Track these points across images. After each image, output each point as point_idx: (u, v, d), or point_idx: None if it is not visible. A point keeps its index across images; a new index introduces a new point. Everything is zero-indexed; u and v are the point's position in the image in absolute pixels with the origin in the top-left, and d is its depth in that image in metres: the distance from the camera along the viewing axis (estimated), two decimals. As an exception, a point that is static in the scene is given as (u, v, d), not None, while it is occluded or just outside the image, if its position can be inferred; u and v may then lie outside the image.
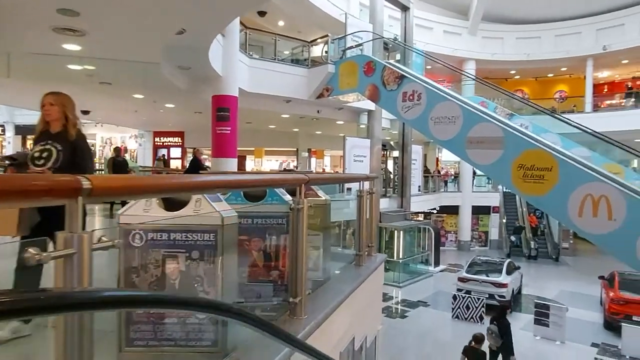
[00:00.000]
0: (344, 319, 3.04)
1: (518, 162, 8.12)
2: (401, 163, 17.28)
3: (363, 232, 3.97)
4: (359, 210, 4.02)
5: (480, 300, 11.45)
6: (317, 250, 3.30)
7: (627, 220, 6.83)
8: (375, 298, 4.22)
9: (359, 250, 3.90)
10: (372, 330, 4.01)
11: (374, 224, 4.47)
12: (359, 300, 3.54)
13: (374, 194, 4.49)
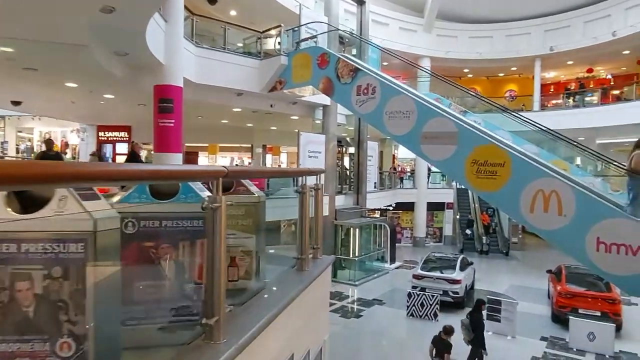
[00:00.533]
0: (279, 335, 2.60)
1: (471, 157, 8.00)
2: (357, 159, 17.08)
3: (306, 232, 3.55)
4: (301, 208, 3.59)
5: (434, 297, 11.38)
6: (249, 255, 2.84)
7: (577, 216, 6.83)
8: (321, 305, 3.81)
9: (302, 253, 3.48)
10: (316, 342, 3.60)
11: (319, 224, 4.05)
12: (301, 310, 3.11)
13: (320, 190, 4.07)
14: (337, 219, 15.20)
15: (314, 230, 4.02)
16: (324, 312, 3.97)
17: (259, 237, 2.87)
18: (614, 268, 6.57)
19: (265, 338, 2.36)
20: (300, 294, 3.01)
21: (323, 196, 3.87)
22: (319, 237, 4.02)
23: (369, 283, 15.22)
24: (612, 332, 9.41)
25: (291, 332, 2.86)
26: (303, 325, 3.15)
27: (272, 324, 2.43)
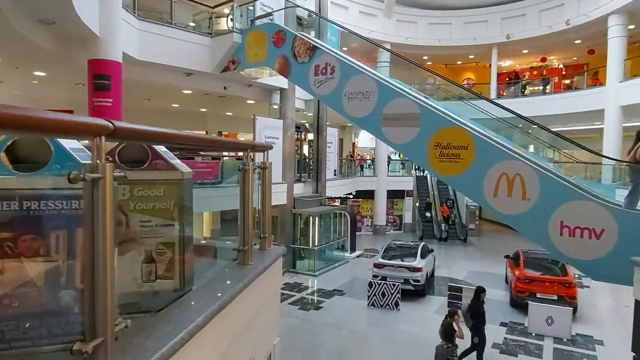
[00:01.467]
0: (205, 350, 2.00)
1: (434, 140, 7.64)
2: (316, 146, 16.54)
3: (249, 219, 2.95)
4: (243, 189, 2.98)
5: (395, 286, 11.10)
6: (170, 248, 2.22)
7: (540, 200, 6.62)
8: (270, 304, 3.24)
9: (244, 243, 2.88)
10: (262, 349, 3.04)
11: (267, 208, 3.47)
12: (241, 312, 2.54)
13: (268, 169, 3.48)
14: (296, 208, 14.65)
15: (262, 216, 3.43)
16: (273, 312, 3.40)
17: (184, 224, 2.24)
18: (577, 252, 6.41)
19: (186, 356, 1.76)
20: (240, 294, 2.42)
21: (277, 183, 3.27)
22: (267, 225, 3.43)
23: (329, 273, 14.82)
24: (570, 315, 9.46)
25: (224, 344, 2.28)
26: (243, 331, 2.57)
27: (195, 337, 1.84)
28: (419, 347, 8.97)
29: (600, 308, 11.60)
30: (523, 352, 8.74)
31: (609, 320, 10.81)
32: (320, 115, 16.58)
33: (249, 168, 2.93)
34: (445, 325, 7.77)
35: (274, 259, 3.22)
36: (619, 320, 10.97)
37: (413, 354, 8.66)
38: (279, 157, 14.19)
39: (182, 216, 2.25)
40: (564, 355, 8.63)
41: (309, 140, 17.58)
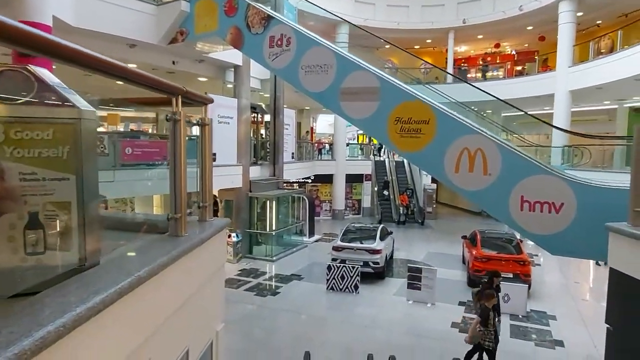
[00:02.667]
0: (102, 343, 1.51)
1: (395, 114, 7.33)
2: (273, 128, 15.94)
3: (181, 181, 2.44)
4: (173, 145, 2.46)
5: (355, 268, 10.85)
6: (63, 209, 1.69)
7: (502, 175, 6.47)
8: (210, 284, 2.75)
9: (175, 210, 2.37)
10: (201, 337, 2.56)
11: (208, 173, 2.96)
12: (167, 293, 2.04)
13: (208, 125, 2.97)
14: (252, 191, 14.06)
15: (202, 182, 2.92)
16: (216, 293, 2.92)
17: (84, 179, 1.71)
18: (537, 228, 6.32)
19: (63, 354, 1.27)
20: (165, 270, 1.93)
21: (232, 165, 2.76)
22: (208, 192, 2.92)
23: (287, 258, 14.41)
24: (525, 292, 9.57)
25: (142, 332, 1.78)
26: (172, 316, 2.08)
27: (85, 325, 1.34)
28: (378, 329, 8.77)
29: (551, 285, 11.91)
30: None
31: (560, 296, 11.10)
32: (277, 96, 15.96)
33: (180, 119, 2.40)
34: (481, 308, 7.03)
35: (215, 232, 2.73)
36: (569, 295, 11.31)
37: (372, 336, 8.44)
38: (233, 138, 13.52)
39: (82, 168, 1.72)
40: (520, 331, 8.70)
41: (265, 122, 16.93)
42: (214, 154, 12.77)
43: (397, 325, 9.03)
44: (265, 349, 7.92)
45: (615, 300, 3.04)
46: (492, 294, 7.14)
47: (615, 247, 3.03)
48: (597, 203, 5.95)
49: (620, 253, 2.94)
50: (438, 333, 8.53)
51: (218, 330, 2.85)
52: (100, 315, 1.42)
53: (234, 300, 10.29)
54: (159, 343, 1.95)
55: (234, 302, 10.11)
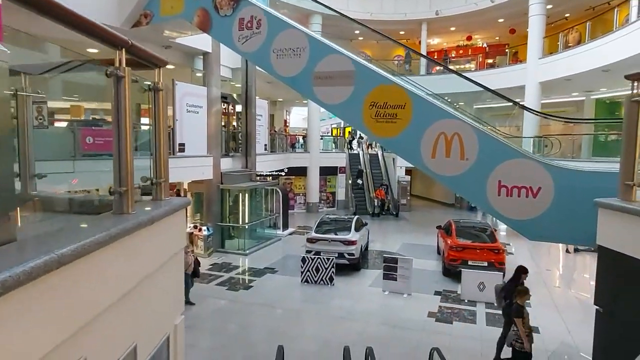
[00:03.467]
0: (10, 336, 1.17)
1: (370, 99, 7.09)
2: (245, 118, 15.48)
3: (127, 149, 2.09)
4: (116, 106, 2.11)
5: (330, 260, 10.61)
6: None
7: (479, 159, 6.34)
8: (166, 271, 2.41)
9: (120, 184, 2.03)
10: (154, 331, 2.23)
11: (163, 146, 2.61)
12: (103, 279, 1.70)
13: (162, 91, 2.62)
14: (224, 183, 13.61)
15: (155, 156, 2.57)
16: (173, 283, 2.58)
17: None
18: (515, 213, 6.22)
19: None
20: (100, 251, 1.59)
21: (202, 156, 2.43)
22: (164, 167, 2.58)
23: (260, 251, 14.05)
24: (500, 280, 9.51)
25: (71, 323, 1.44)
26: (113, 306, 1.74)
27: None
28: (354, 321, 8.56)
29: (524, 273, 11.97)
30: (457, 318, 8.65)
31: (533, 283, 11.12)
32: (248, 86, 15.49)
33: (124, 75, 2.05)
34: (515, 306, 6.33)
35: (170, 211, 2.39)
36: (542, 283, 11.41)
37: (348, 328, 8.23)
38: (203, 128, 13.03)
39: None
40: (495, 318, 8.65)
41: (237, 112, 16.44)
42: (183, 145, 12.31)
43: (374, 316, 8.85)
44: (238, 344, 7.58)
45: (605, 280, 2.88)
46: (526, 290, 6.55)
47: (605, 224, 2.87)
48: (574, 187, 5.89)
49: (610, 230, 2.78)
50: (415, 323, 8.39)
51: (176, 323, 2.53)
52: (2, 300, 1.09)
53: (205, 295, 9.89)
54: (95, 339, 1.62)
55: (205, 297, 9.72)
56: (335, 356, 6.67)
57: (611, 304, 2.80)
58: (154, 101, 2.61)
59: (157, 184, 2.50)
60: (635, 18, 12.78)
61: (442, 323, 8.44)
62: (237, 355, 7.22)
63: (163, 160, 2.56)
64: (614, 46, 13.51)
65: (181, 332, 2.54)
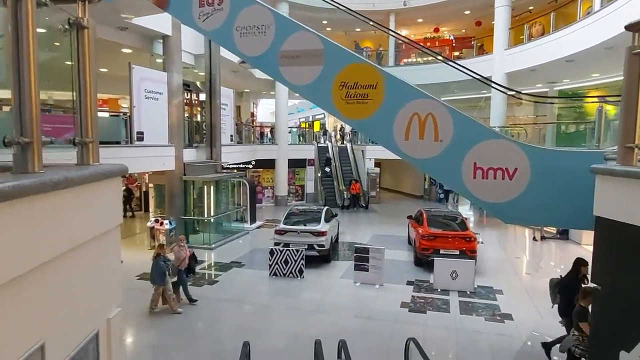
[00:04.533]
0: None
1: (340, 79, 6.69)
2: (209, 107, 14.81)
3: (31, 85, 1.61)
4: (16, 26, 1.61)
5: (299, 252, 10.20)
6: None
7: (454, 141, 6.09)
8: (93, 254, 1.92)
9: (21, 132, 1.54)
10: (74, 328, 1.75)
11: (90, 95, 2.11)
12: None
13: (88, 29, 2.13)
14: (187, 174, 12.93)
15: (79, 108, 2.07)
16: (105, 268, 2.10)
17: None
18: (491, 195, 6.00)
19: None
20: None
21: (163, 146, 1.93)
22: (91, 125, 2.08)
23: (226, 245, 13.47)
24: (473, 268, 9.42)
25: None
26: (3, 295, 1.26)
27: None
28: (325, 314, 8.21)
29: (494, 261, 11.97)
30: (431, 308, 8.43)
31: (504, 271, 11.16)
32: (212, 74, 14.81)
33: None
34: (577, 308, 5.56)
35: (98, 177, 1.90)
36: (512, 270, 11.42)
37: (320, 321, 7.86)
38: (163, 116, 12.30)
39: None
40: (469, 307, 8.50)
41: (200, 101, 15.71)
42: (141, 133, 11.56)
43: (345, 308, 8.51)
44: (203, 342, 7.06)
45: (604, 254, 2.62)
46: (590, 291, 5.53)
47: (603, 192, 2.60)
48: (551, 167, 5.73)
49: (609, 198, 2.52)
50: (388, 314, 8.11)
51: (110, 317, 2.04)
52: None
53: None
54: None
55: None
56: (305, 351, 6.29)
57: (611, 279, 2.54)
58: (78, 41, 2.11)
59: (82, 144, 2.01)
60: (598, 8, 12.96)
61: (415, 313, 8.20)
62: (202, 354, 6.72)
63: (90, 115, 2.06)
64: (578, 36, 13.69)
65: (117, 328, 2.07)
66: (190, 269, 9.06)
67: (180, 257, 8.64)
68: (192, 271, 9.12)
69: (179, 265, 8.56)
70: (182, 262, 8.62)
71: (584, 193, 5.67)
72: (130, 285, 9.34)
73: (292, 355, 6.71)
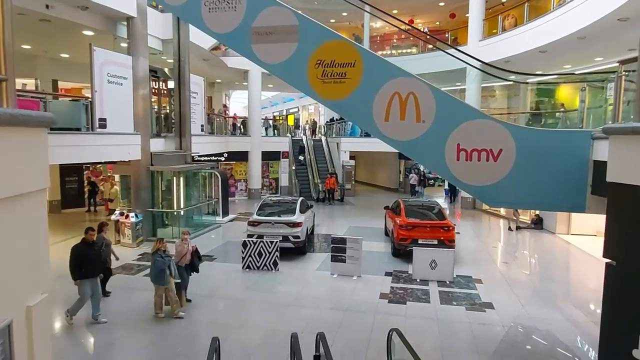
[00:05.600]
0: None
1: (316, 56, 6.29)
2: (178, 95, 14.14)
3: None
4: None
5: (273, 244, 9.78)
6: None
7: (436, 121, 5.78)
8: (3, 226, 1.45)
9: None
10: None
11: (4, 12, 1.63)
12: None
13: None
14: (154, 165, 12.25)
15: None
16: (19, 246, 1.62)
17: None
18: (475, 178, 5.72)
19: None
20: None
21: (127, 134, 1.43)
22: (4, 61, 1.61)
23: (197, 239, 12.87)
24: (452, 256, 9.22)
25: None
26: None
27: None
28: (302, 307, 7.82)
29: (471, 251, 11.86)
30: (411, 299, 8.17)
31: (481, 260, 11.06)
32: (181, 60, 14.14)
33: None
34: None
35: (14, 123, 1.44)
36: (489, 259, 11.34)
37: (296, 314, 7.48)
38: (128, 103, 11.60)
39: None
40: (449, 296, 8.28)
41: (169, 90, 15.00)
42: (104, 120, 10.84)
43: (323, 301, 8.15)
44: (171, 340, 6.56)
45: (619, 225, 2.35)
46: None
47: (618, 154, 2.32)
48: (537, 148, 5.50)
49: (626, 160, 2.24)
50: (367, 306, 7.79)
51: (31, 305, 1.59)
52: None
53: (132, 287, 8.73)
54: None
55: (132, 290, 8.56)
56: (282, 345, 5.90)
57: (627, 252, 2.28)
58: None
59: None
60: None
61: (395, 304, 7.92)
62: (168, 353, 6.23)
63: (3, 43, 1.59)
64: (551, 26, 13.72)
65: (41, 318, 1.62)
66: (193, 267, 8.07)
67: (181, 252, 7.82)
68: (195, 269, 8.10)
69: (180, 262, 7.76)
70: (182, 257, 7.81)
71: (572, 174, 5.52)
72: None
73: (268, 350, 6.30)
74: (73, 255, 6.95)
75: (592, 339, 6.51)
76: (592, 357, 6.20)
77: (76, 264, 6.88)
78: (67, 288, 7.20)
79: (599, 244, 9.90)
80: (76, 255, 6.94)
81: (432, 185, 26.78)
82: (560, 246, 12.82)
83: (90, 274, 7.02)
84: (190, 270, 8.04)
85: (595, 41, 12.82)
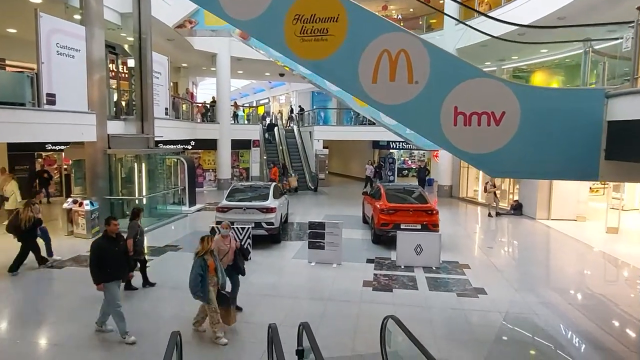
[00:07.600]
0: None
1: (294, 10, 5.47)
2: (139, 74, 12.99)
3: None
4: None
5: (245, 230, 8.94)
6: None
7: (431, 82, 5.09)
8: None
9: None
10: None
11: None
12: None
13: None
14: (112, 147, 11.12)
15: None
16: None
17: None
18: (474, 145, 5.08)
19: None
20: None
21: (80, 112, 0.43)
22: None
23: (161, 229, 11.90)
24: (439, 240, 8.65)
25: None
26: None
27: None
28: (280, 298, 7.06)
29: (454, 236, 11.38)
30: (397, 285, 7.53)
31: (466, 246, 10.61)
32: (143, 37, 12.97)
33: None
34: None
35: None
36: (474, 245, 10.90)
37: (274, 305, 6.70)
38: (82, 78, 10.44)
39: None
40: (437, 283, 7.70)
41: (130, 69, 13.81)
42: (52, 95, 9.67)
43: (302, 290, 7.43)
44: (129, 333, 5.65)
45: None
46: None
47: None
48: (544, 109, 4.90)
49: None
50: (351, 294, 7.09)
51: None
52: None
53: (85, 281, 7.67)
54: None
55: (84, 284, 7.51)
56: (259, 339, 5.12)
57: None
58: None
59: None
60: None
61: (380, 292, 7.25)
62: (122, 349, 5.34)
63: None
64: (528, 8, 13.45)
65: None
66: (238, 269, 6.29)
67: (224, 250, 6.19)
68: (241, 271, 6.33)
69: (221, 258, 6.12)
70: (223, 257, 6.15)
71: (583, 138, 4.97)
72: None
73: (243, 345, 5.51)
74: (93, 254, 5.53)
75: (604, 321, 6.07)
76: (604, 339, 5.71)
77: (97, 264, 5.49)
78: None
79: (581, 228, 9.48)
80: (97, 253, 5.52)
81: (405, 176, 26.45)
82: (542, 230, 12.54)
83: (116, 275, 5.69)
84: (235, 273, 6.32)
85: (576, 21, 12.56)
